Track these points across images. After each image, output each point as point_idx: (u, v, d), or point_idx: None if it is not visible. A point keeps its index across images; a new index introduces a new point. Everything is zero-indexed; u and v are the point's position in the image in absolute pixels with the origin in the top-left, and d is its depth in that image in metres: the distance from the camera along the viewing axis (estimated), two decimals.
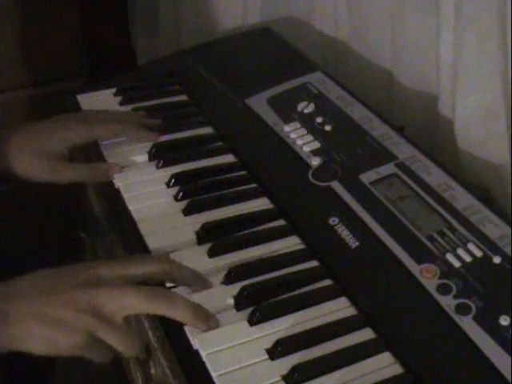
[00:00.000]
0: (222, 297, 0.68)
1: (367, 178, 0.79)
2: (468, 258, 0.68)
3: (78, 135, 0.88)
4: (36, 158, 0.86)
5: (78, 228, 0.99)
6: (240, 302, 0.67)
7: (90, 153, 0.92)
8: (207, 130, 0.94)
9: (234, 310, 0.67)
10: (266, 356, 0.62)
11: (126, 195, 0.82)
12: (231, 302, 0.68)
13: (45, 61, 1.74)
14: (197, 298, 0.68)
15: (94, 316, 0.64)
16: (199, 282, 0.70)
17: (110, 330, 0.65)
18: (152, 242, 0.75)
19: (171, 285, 0.69)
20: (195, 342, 0.63)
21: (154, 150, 0.90)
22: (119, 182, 0.85)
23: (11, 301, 0.65)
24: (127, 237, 0.79)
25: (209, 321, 0.65)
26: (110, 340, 0.65)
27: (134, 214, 0.79)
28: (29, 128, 0.90)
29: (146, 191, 0.83)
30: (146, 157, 0.89)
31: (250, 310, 0.66)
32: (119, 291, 0.65)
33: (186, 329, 0.65)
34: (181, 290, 0.69)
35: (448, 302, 0.64)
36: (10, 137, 0.87)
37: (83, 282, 0.66)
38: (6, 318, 0.64)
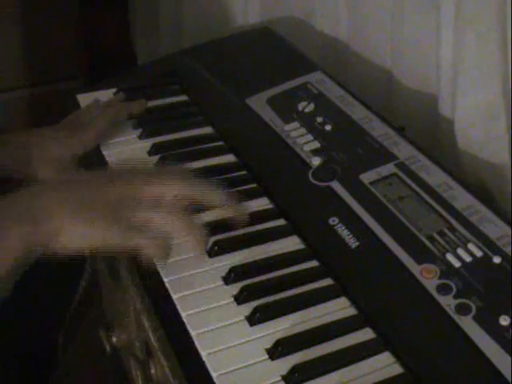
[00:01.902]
0: (221, 297, 0.68)
1: (367, 178, 0.79)
2: (468, 258, 0.68)
3: (76, 149, 0.90)
4: (50, 165, 0.88)
5: None
6: (240, 302, 0.68)
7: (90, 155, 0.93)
8: (207, 130, 0.94)
9: (234, 310, 0.67)
10: (266, 356, 0.62)
11: None
12: (231, 301, 0.68)
13: (45, 61, 1.74)
14: (197, 297, 0.68)
15: (134, 201, 0.65)
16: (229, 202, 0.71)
17: (148, 213, 0.65)
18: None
19: None
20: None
21: (153, 149, 0.90)
22: None
23: (47, 195, 0.66)
24: None
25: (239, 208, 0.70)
26: (150, 222, 0.65)
27: None
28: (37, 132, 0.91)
29: None
30: (145, 157, 0.89)
31: (250, 309, 0.66)
32: (157, 177, 0.68)
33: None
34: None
35: (448, 302, 0.64)
36: (25, 142, 0.89)
37: (117, 174, 0.69)
38: (41, 213, 0.64)
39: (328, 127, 0.88)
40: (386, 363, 0.62)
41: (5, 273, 0.63)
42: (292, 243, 0.75)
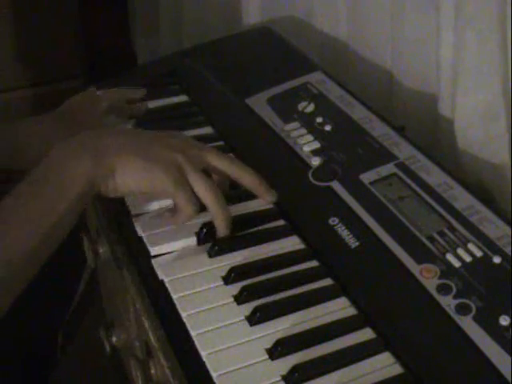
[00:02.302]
0: (221, 297, 0.68)
1: (367, 178, 0.79)
2: (468, 258, 0.68)
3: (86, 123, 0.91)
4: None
5: (77, 228, 0.99)
6: (240, 302, 0.68)
7: None
8: (207, 130, 0.94)
9: (234, 310, 0.67)
10: (266, 356, 0.62)
11: (127, 198, 0.82)
12: (231, 301, 0.68)
13: (45, 61, 1.75)
14: (197, 297, 0.68)
15: (186, 157, 0.72)
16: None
17: (197, 173, 0.72)
18: (152, 242, 0.75)
19: None
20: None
21: None
22: None
23: (110, 136, 0.73)
24: (128, 236, 0.78)
25: (269, 193, 0.78)
26: (195, 179, 0.72)
27: (135, 215, 0.79)
28: (39, 119, 0.93)
29: None
30: None
31: (250, 309, 0.66)
32: (207, 148, 0.76)
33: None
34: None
35: (448, 302, 0.64)
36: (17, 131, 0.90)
37: (174, 134, 0.76)
38: (105, 151, 0.71)
39: (328, 127, 0.88)
40: (386, 363, 0.62)
41: (68, 205, 0.69)
42: (292, 243, 0.75)
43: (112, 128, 0.75)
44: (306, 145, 0.86)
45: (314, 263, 0.72)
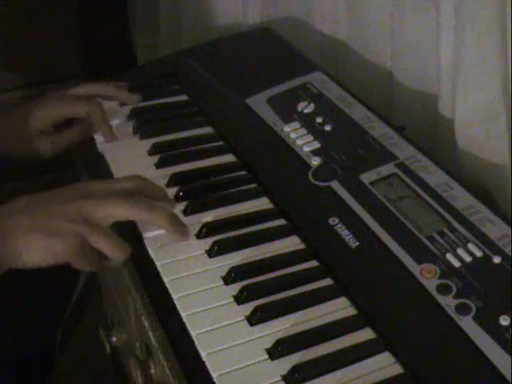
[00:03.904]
0: (221, 297, 0.68)
1: (367, 178, 0.79)
2: (468, 258, 0.68)
3: (56, 111, 0.94)
4: (17, 136, 0.93)
5: None
6: (240, 302, 0.68)
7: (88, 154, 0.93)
8: (207, 130, 0.94)
9: (234, 310, 0.67)
10: (266, 356, 0.62)
11: None
12: (231, 301, 0.68)
13: (45, 61, 1.74)
14: (197, 297, 0.68)
15: (84, 223, 0.70)
16: (166, 199, 0.78)
17: (100, 235, 0.71)
18: (152, 242, 0.75)
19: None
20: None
21: (153, 149, 0.90)
22: None
23: (8, 217, 0.71)
24: (128, 237, 0.78)
25: (183, 232, 0.74)
26: (100, 244, 0.71)
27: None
28: (11, 111, 0.94)
29: None
30: (145, 156, 0.89)
31: (250, 309, 0.66)
32: (105, 201, 0.72)
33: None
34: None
35: (448, 302, 0.64)
36: None
37: (72, 196, 0.73)
38: (7, 232, 0.70)
39: (328, 127, 0.88)
40: (386, 363, 0.62)
41: None
42: (292, 243, 0.75)
43: (16, 203, 0.73)
44: (306, 145, 0.86)
45: (313, 263, 0.72)
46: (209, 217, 0.78)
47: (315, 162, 0.83)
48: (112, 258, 0.72)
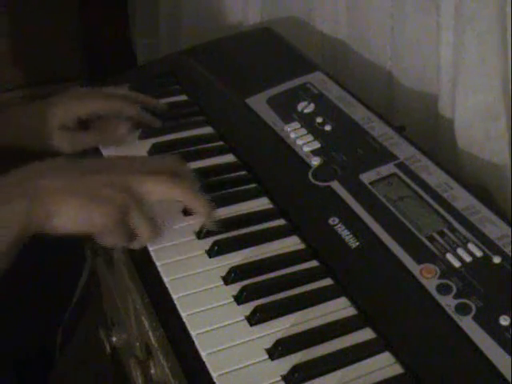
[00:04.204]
0: (221, 297, 0.68)
1: (367, 177, 0.79)
2: (468, 258, 0.68)
3: (81, 107, 0.91)
4: (34, 130, 0.90)
5: None
6: (240, 302, 0.68)
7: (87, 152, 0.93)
8: (207, 130, 0.94)
9: (234, 310, 0.67)
10: (266, 356, 0.62)
11: None
12: (231, 301, 0.68)
13: (45, 61, 1.74)
14: (197, 297, 0.68)
15: (129, 194, 0.67)
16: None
17: (141, 211, 0.68)
18: (152, 242, 0.75)
19: None
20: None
21: (153, 150, 0.90)
22: None
23: (41, 177, 0.68)
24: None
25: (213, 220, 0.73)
26: (138, 220, 0.68)
27: None
28: (34, 105, 0.92)
29: None
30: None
31: (250, 309, 0.66)
32: (151, 177, 0.70)
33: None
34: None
35: (448, 302, 0.64)
36: (16, 114, 0.90)
37: (118, 166, 0.71)
38: (40, 193, 0.66)
39: (328, 127, 0.88)
40: (386, 363, 0.62)
41: (5, 247, 0.65)
42: (292, 243, 0.75)
43: (52, 162, 0.69)
44: (306, 145, 0.86)
45: (313, 263, 0.72)
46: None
47: (315, 162, 0.83)
48: (142, 237, 0.70)
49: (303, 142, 0.86)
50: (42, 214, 0.66)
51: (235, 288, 0.69)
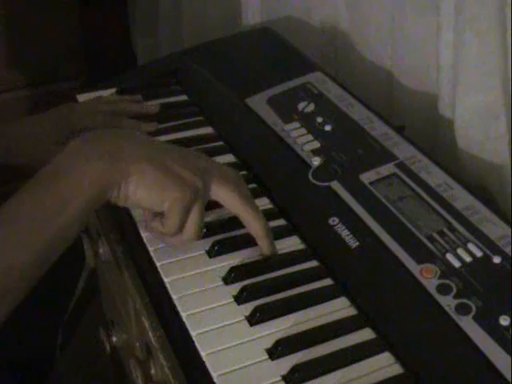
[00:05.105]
0: (221, 297, 0.68)
1: (367, 177, 0.79)
2: (468, 258, 0.68)
3: (78, 128, 0.91)
4: (40, 147, 0.90)
5: None
6: (240, 302, 0.68)
7: None
8: (207, 130, 0.94)
9: (234, 310, 0.67)
10: (266, 356, 0.62)
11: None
12: (231, 301, 0.68)
13: (45, 61, 1.74)
14: (197, 297, 0.68)
15: (204, 184, 0.67)
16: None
17: (203, 205, 0.68)
18: (152, 242, 0.75)
19: None
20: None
21: None
22: None
23: (126, 139, 0.67)
24: (128, 237, 0.79)
25: (272, 245, 0.71)
26: (195, 213, 0.67)
27: (135, 215, 0.79)
28: (31, 120, 0.92)
29: None
30: None
31: (250, 309, 0.66)
32: (226, 181, 0.70)
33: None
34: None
35: (448, 302, 0.64)
36: (12, 130, 0.90)
37: (198, 154, 0.71)
38: (120, 154, 0.66)
39: (328, 127, 0.88)
40: (386, 363, 0.62)
41: (77, 210, 0.64)
42: (292, 243, 0.75)
43: (133, 132, 0.70)
44: (306, 145, 0.86)
45: (314, 263, 0.72)
46: (209, 217, 0.78)
47: (315, 161, 0.83)
48: (187, 233, 0.69)
49: (303, 142, 0.86)
50: (119, 176, 0.65)
51: (235, 288, 0.69)
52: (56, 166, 0.66)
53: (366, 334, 0.65)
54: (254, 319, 0.65)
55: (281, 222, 0.78)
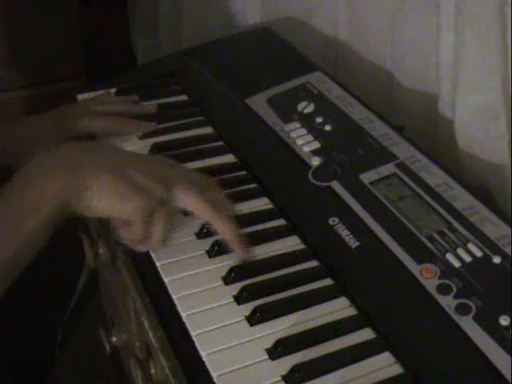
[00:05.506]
0: (221, 297, 0.68)
1: (367, 177, 0.79)
2: (468, 258, 0.68)
3: (75, 130, 0.90)
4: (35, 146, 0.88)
5: (77, 228, 0.99)
6: (240, 302, 0.68)
7: None
8: (207, 130, 0.94)
9: (234, 310, 0.67)
10: (266, 356, 0.62)
11: None
12: (231, 301, 0.68)
13: (45, 61, 1.74)
14: (197, 297, 0.68)
15: (168, 191, 0.67)
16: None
17: (168, 212, 0.68)
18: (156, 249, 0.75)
19: None
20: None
21: (153, 149, 0.90)
22: None
23: (88, 150, 0.68)
24: None
25: (245, 250, 0.71)
26: (161, 221, 0.68)
27: None
28: (30, 121, 0.92)
29: None
30: None
31: (250, 309, 0.66)
32: (191, 185, 0.70)
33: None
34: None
35: (448, 302, 0.64)
36: (11, 131, 0.90)
37: (163, 161, 0.71)
38: (80, 165, 0.67)
39: (328, 127, 0.88)
40: (386, 363, 0.62)
41: (40, 222, 0.65)
42: (292, 243, 0.75)
43: (98, 143, 0.70)
44: (306, 145, 0.86)
45: (314, 263, 0.72)
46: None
47: (315, 161, 0.83)
48: (153, 240, 0.70)
49: (303, 141, 0.86)
50: (80, 187, 0.66)
51: (235, 288, 0.69)
52: (21, 178, 0.67)
53: (365, 334, 0.65)
54: (253, 319, 0.65)
55: (281, 221, 0.78)
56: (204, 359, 0.62)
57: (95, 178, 0.66)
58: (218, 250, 0.73)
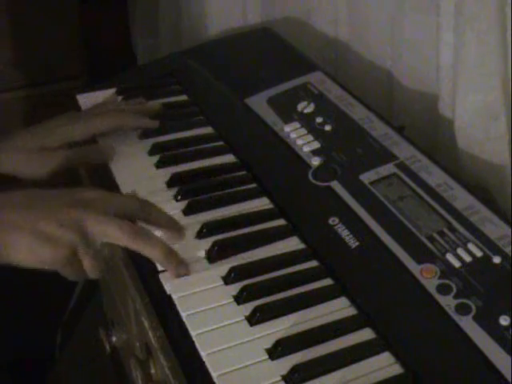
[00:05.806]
0: (221, 297, 0.68)
1: (367, 178, 0.79)
2: (468, 258, 0.68)
3: (76, 131, 0.90)
4: (29, 154, 0.88)
5: None
6: (240, 302, 0.68)
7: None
8: (207, 130, 0.94)
9: (234, 310, 0.67)
10: (266, 356, 0.62)
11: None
12: (231, 301, 0.68)
13: (45, 61, 1.74)
14: (197, 297, 0.68)
15: (79, 234, 0.67)
16: (171, 226, 0.73)
17: (89, 250, 0.68)
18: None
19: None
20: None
21: (153, 149, 0.90)
22: (121, 185, 0.85)
23: (4, 208, 0.68)
24: None
25: (179, 267, 0.70)
26: (85, 260, 0.68)
27: None
28: (29, 130, 0.91)
29: (146, 191, 0.83)
30: (145, 156, 0.89)
31: (250, 309, 0.66)
32: (106, 218, 0.69)
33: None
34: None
35: (448, 302, 0.64)
36: (8, 141, 0.89)
37: (72, 202, 0.69)
38: None
39: (328, 127, 0.88)
40: (386, 363, 0.62)
41: None
42: (292, 243, 0.75)
43: (7, 197, 0.69)
44: (306, 145, 0.86)
45: (313, 263, 0.72)
46: (209, 217, 0.78)
47: (315, 162, 0.83)
48: (88, 274, 0.70)
49: (303, 142, 0.86)
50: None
51: (235, 288, 0.69)
52: None
53: (365, 334, 0.65)
54: (254, 319, 0.65)
55: (281, 221, 0.78)
56: (204, 359, 0.62)
57: (8, 234, 0.67)
58: (218, 250, 0.73)
